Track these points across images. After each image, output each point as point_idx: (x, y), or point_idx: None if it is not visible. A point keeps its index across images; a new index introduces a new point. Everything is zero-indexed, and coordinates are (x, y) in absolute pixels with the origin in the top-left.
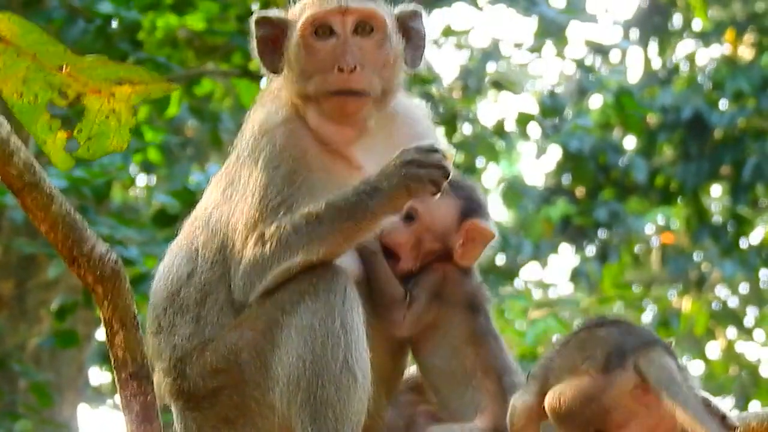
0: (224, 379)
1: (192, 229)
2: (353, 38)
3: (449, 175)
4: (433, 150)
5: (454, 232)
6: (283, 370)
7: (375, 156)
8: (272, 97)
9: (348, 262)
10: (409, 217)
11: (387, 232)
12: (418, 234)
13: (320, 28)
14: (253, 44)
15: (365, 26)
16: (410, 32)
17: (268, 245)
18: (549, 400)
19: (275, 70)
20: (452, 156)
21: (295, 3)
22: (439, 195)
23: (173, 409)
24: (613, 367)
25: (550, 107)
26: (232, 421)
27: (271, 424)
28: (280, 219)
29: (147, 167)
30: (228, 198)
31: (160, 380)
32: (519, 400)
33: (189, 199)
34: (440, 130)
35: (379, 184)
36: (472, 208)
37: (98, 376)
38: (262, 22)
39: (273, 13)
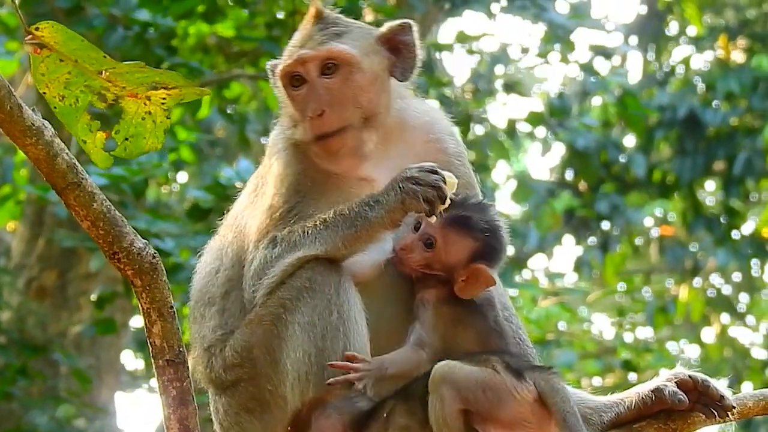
0: (240, 373)
1: (224, 228)
2: (320, 80)
3: (445, 198)
4: (433, 171)
5: (461, 268)
6: (291, 364)
7: (389, 166)
8: (287, 115)
9: (363, 262)
10: (429, 245)
11: (402, 245)
12: (430, 260)
13: (292, 79)
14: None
15: (329, 66)
16: (399, 46)
17: (278, 247)
18: (446, 371)
19: None
20: (454, 184)
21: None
22: (434, 218)
23: (209, 393)
24: (516, 375)
25: (559, 107)
26: (252, 410)
27: (285, 414)
28: (292, 225)
29: (178, 165)
30: (251, 202)
31: (195, 366)
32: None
33: (221, 193)
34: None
35: (380, 197)
36: (485, 252)
37: (132, 361)
38: (270, 68)
39: (273, 62)
